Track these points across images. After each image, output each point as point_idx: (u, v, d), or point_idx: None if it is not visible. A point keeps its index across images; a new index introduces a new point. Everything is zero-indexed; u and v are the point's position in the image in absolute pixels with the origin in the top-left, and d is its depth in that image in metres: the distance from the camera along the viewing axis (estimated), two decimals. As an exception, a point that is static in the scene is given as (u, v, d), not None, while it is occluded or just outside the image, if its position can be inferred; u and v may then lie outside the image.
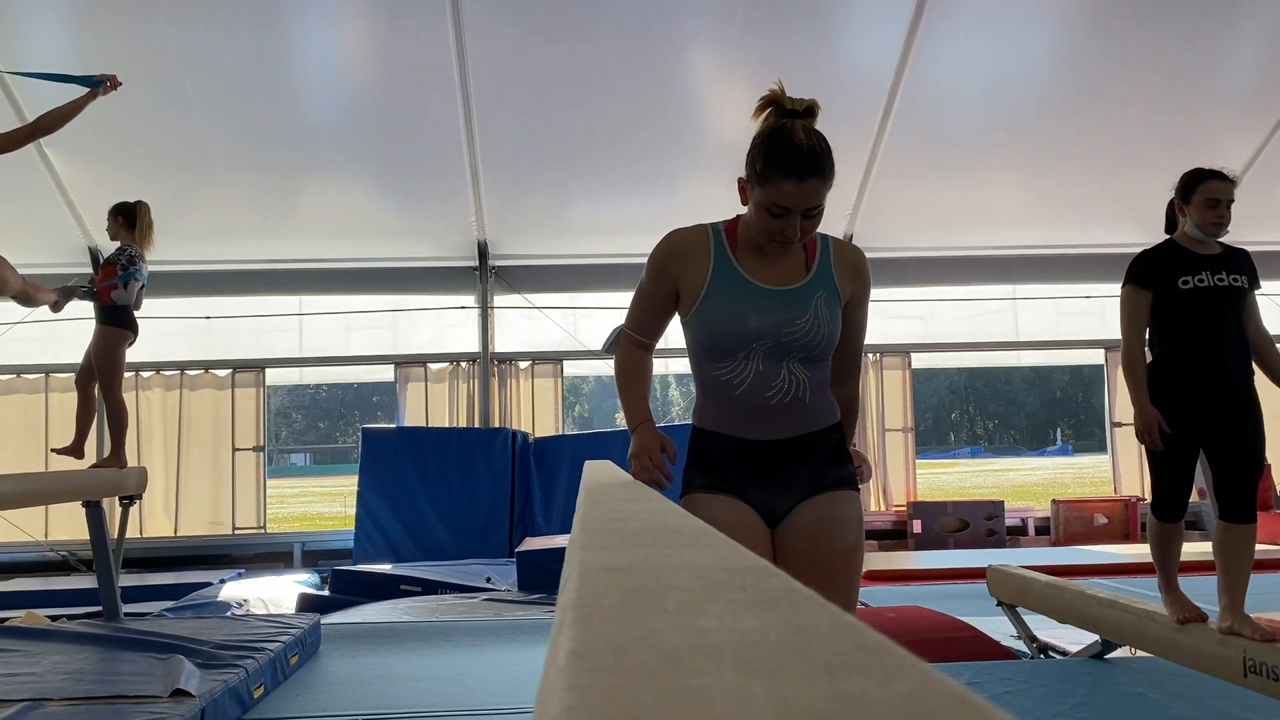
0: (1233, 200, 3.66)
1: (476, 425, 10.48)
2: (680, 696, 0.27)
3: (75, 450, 5.68)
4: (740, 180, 2.25)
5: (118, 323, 5.54)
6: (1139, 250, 3.85)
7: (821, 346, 2.25)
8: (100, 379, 5.44)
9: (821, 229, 2.35)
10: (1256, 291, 3.60)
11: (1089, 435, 47.41)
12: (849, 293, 2.33)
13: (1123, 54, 9.09)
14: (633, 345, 2.45)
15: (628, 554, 0.60)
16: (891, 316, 11.11)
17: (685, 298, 2.29)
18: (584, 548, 0.63)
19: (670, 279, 2.30)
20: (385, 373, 11.09)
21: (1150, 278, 3.60)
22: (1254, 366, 3.54)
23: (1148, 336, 3.65)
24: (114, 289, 5.50)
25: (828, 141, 2.18)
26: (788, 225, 2.15)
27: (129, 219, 5.62)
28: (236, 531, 10.38)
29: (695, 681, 0.28)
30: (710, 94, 9.21)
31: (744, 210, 2.30)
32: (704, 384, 2.33)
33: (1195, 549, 9.08)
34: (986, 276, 11.13)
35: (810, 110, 2.21)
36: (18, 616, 6.16)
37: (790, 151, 2.11)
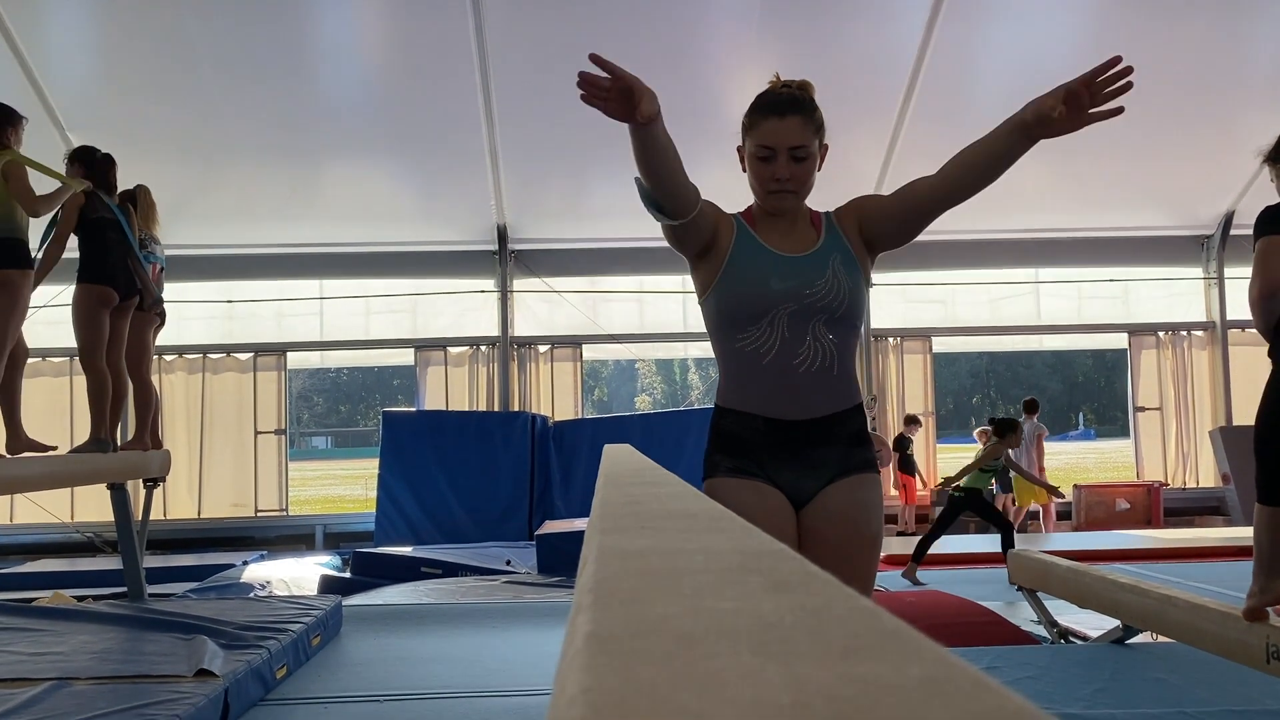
0: None
1: (496, 409, 10.52)
2: (696, 678, 0.27)
3: (140, 442, 5.72)
4: (739, 149, 2.34)
5: (141, 306, 5.60)
6: (1165, 233, 3.72)
7: (844, 306, 2.26)
8: (128, 362, 5.49)
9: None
10: None
11: (1111, 420, 47.12)
12: (856, 229, 2.38)
13: (1149, 36, 8.98)
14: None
15: (645, 538, 0.60)
16: (913, 300, 11.06)
17: (709, 265, 2.30)
18: (602, 531, 0.63)
19: (712, 223, 2.30)
20: (405, 356, 11.14)
21: None
22: None
23: None
24: None
25: (811, 93, 2.32)
26: (778, 168, 2.24)
27: (131, 205, 5.67)
28: (259, 514, 10.47)
29: (711, 664, 0.28)
30: (731, 76, 9.16)
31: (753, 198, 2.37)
32: (729, 359, 2.29)
33: (1219, 534, 9.02)
34: (1008, 260, 11.06)
35: (803, 87, 2.35)
36: (45, 597, 6.24)
37: (769, 95, 2.31)
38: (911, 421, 10.68)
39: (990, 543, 8.76)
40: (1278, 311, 3.19)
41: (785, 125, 2.23)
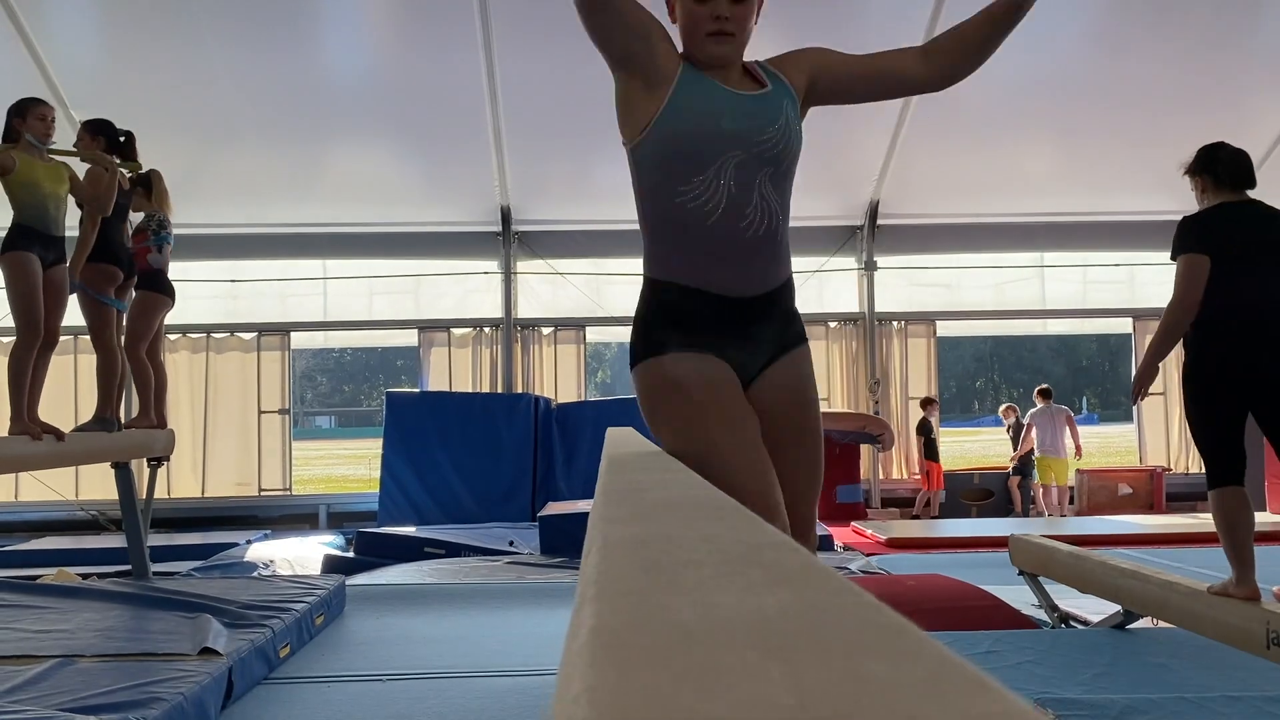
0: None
1: (499, 390, 10.53)
2: (699, 677, 0.27)
3: (145, 419, 5.73)
4: (668, 1, 2.10)
5: (155, 288, 5.62)
6: (1171, 217, 3.83)
7: (790, 158, 2.07)
8: (128, 341, 5.51)
9: (846, 194, 2.31)
10: None
11: (1115, 404, 47.10)
12: (806, 78, 2.15)
13: (1155, 20, 8.93)
14: None
15: (648, 527, 0.61)
16: (917, 284, 11.04)
17: (647, 97, 2.03)
18: (605, 520, 0.64)
19: (650, 40, 2.01)
20: (409, 337, 11.15)
21: None
22: None
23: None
24: (149, 252, 5.58)
25: None
26: (718, 5, 2.00)
27: (145, 188, 5.69)
28: (263, 493, 10.50)
29: (714, 662, 0.28)
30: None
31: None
32: (667, 220, 2.06)
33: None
34: (1014, 244, 11.03)
35: None
36: (49, 574, 6.27)
37: None
38: (929, 403, 10.73)
39: (992, 527, 8.77)
40: (1187, 325, 3.46)
41: None
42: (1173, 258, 3.57)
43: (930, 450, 10.43)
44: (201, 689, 3.24)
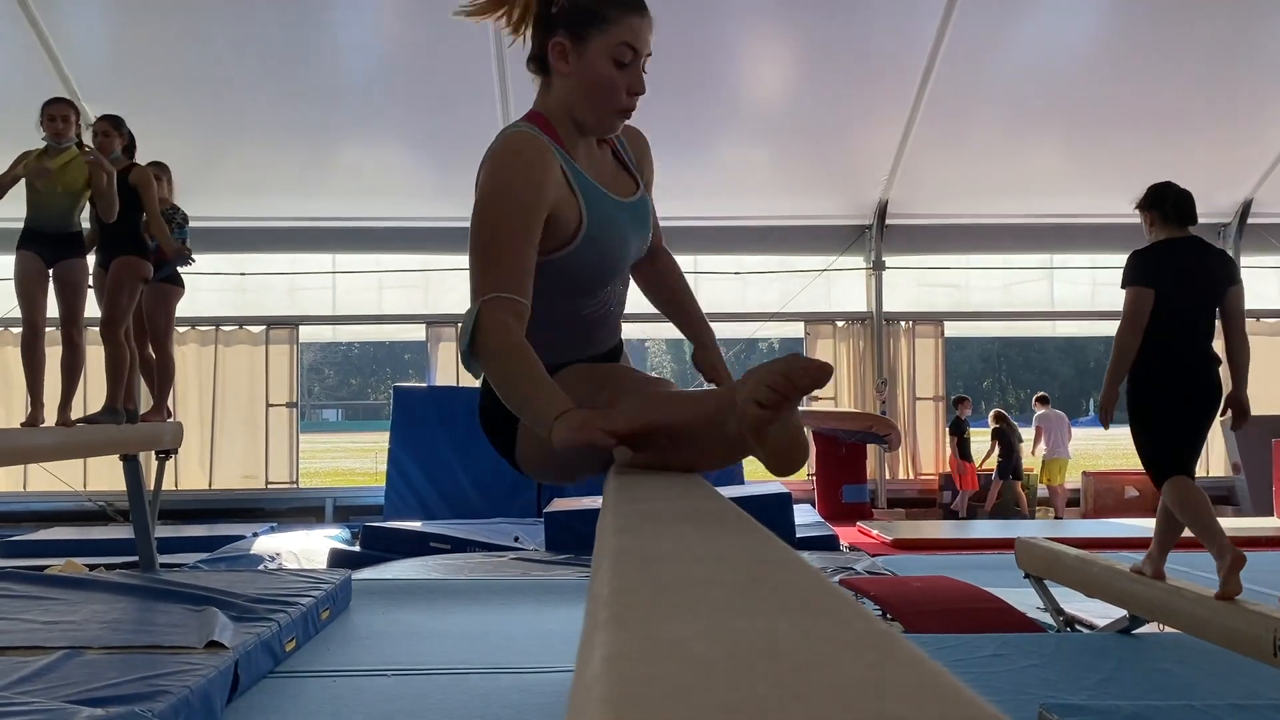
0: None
1: (507, 386, 10.53)
2: (716, 716, 0.27)
3: (159, 413, 5.77)
4: (557, 44, 1.76)
5: (166, 278, 5.65)
6: None
7: None
8: (153, 334, 5.55)
9: (855, 194, 2.29)
10: None
11: (1121, 406, 46.93)
12: (649, 178, 2.02)
13: (1168, 20, 8.89)
14: (507, 315, 1.78)
15: (658, 540, 0.61)
16: (925, 284, 11.02)
17: (557, 229, 1.79)
18: (615, 531, 0.64)
19: (548, 196, 1.77)
20: (417, 332, 11.15)
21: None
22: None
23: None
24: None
25: None
26: (633, 79, 1.73)
27: (169, 179, 5.74)
28: (269, 486, 10.52)
29: (730, 697, 0.28)
30: (747, 56, 9.09)
31: (537, 105, 1.88)
32: (560, 324, 1.88)
33: (1228, 524, 8.99)
34: (1022, 245, 11.01)
35: None
36: (57, 564, 6.29)
37: None
38: (961, 402, 10.83)
39: (997, 529, 8.75)
40: (1135, 348, 3.83)
41: (646, 26, 1.74)
42: (1122, 287, 3.90)
43: (964, 450, 10.47)
44: (207, 682, 3.25)
